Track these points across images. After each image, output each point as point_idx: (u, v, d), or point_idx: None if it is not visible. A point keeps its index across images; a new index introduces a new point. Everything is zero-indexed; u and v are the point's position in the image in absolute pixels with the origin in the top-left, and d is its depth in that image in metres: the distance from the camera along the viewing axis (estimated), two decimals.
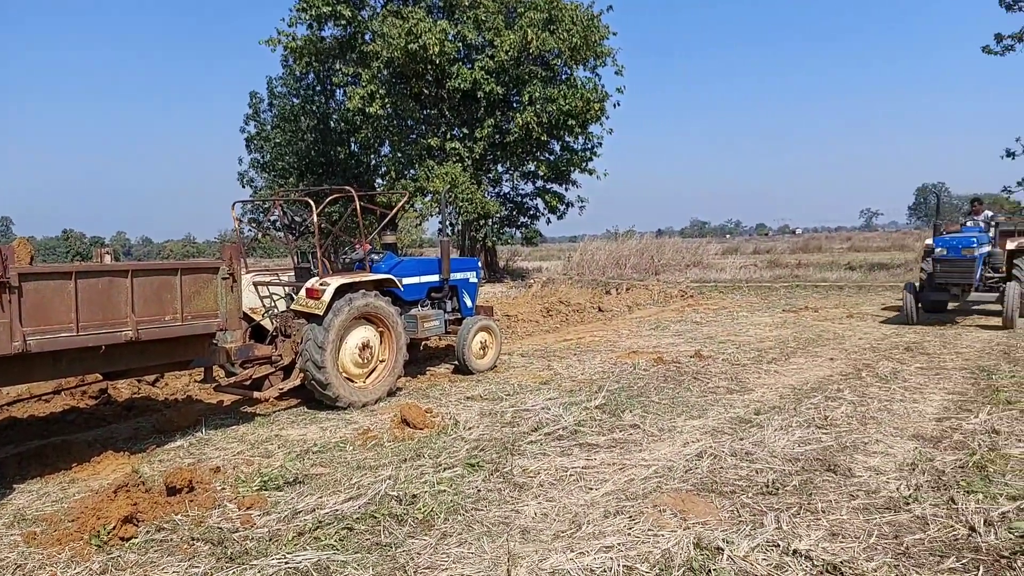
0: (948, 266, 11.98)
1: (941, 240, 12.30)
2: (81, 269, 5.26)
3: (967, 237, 12.06)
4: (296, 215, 8.73)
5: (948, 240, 12.13)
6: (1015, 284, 11.98)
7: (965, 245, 11.82)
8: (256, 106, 31.78)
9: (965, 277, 11.91)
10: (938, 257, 12.09)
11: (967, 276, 11.89)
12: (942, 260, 12.03)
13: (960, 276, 11.93)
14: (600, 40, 23.81)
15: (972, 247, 11.78)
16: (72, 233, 65.64)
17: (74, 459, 5.78)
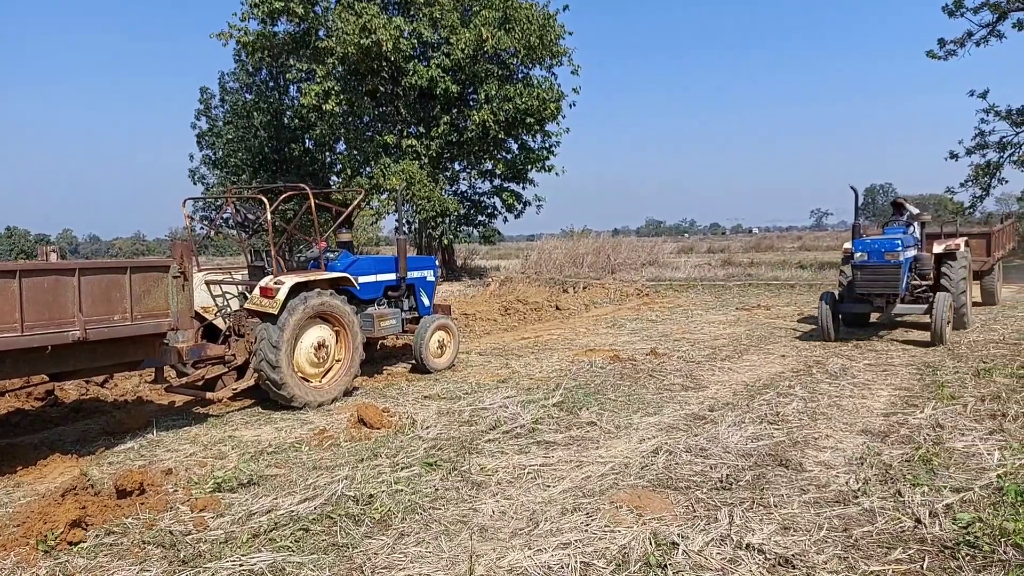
0: (870, 273, 10.40)
1: (861, 243, 10.65)
2: (26, 268, 5.11)
3: (890, 240, 10.46)
4: (249, 213, 8.59)
5: (869, 243, 10.51)
6: (945, 295, 10.39)
7: (888, 249, 10.24)
8: (207, 101, 31.07)
9: (889, 286, 10.31)
10: (858, 263, 10.47)
11: (892, 285, 10.29)
12: (863, 267, 10.44)
13: (884, 285, 10.33)
14: (556, 40, 23.95)
15: (896, 251, 10.23)
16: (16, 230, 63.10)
17: (19, 462, 5.60)
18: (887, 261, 10.26)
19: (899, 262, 10.23)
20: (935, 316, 10.09)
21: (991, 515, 4.08)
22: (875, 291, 10.50)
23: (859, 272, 10.51)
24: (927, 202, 74.39)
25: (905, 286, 10.66)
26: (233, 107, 29.99)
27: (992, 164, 29.88)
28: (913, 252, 11.02)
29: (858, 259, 10.52)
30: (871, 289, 10.49)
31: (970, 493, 4.48)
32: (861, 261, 10.48)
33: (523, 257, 30.79)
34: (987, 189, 30.41)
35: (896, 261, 10.22)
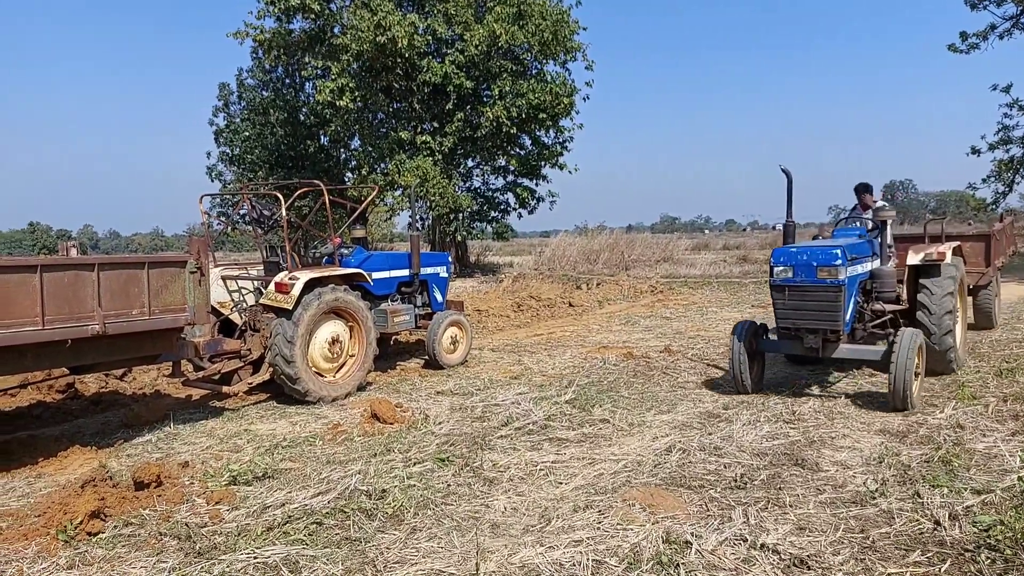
0: (796, 298, 6.88)
1: (783, 253, 7.02)
2: (47, 262, 5.19)
3: (826, 249, 6.80)
4: (265, 209, 8.66)
5: (795, 253, 6.89)
6: (912, 334, 6.66)
7: (823, 262, 6.70)
8: (225, 98, 31.28)
9: (824, 317, 6.77)
10: (778, 282, 6.96)
11: (828, 316, 6.75)
12: (784, 288, 6.94)
13: (815, 316, 6.80)
14: (570, 35, 23.86)
15: (835, 265, 6.64)
16: (39, 226, 63.89)
17: (40, 454, 5.70)
18: (821, 280, 6.68)
19: (839, 281, 6.61)
20: (895, 366, 6.39)
21: (1013, 518, 4.01)
22: (803, 325, 6.90)
23: (779, 296, 6.97)
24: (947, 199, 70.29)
25: (853, 316, 7.09)
26: (250, 104, 30.19)
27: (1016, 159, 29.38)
28: (868, 265, 7.43)
29: (778, 276, 6.93)
30: (797, 322, 6.92)
31: (991, 495, 4.43)
32: (782, 279, 6.89)
33: (536, 253, 30.77)
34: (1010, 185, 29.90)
35: (835, 280, 6.61)
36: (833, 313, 6.71)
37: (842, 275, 6.62)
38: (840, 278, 6.61)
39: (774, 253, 7.06)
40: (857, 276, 7.11)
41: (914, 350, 6.48)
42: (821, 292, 6.71)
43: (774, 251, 7.09)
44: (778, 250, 7.07)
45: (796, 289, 6.85)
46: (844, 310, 6.74)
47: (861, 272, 7.22)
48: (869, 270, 7.45)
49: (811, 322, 6.84)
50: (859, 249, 7.25)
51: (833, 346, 6.97)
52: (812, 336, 6.91)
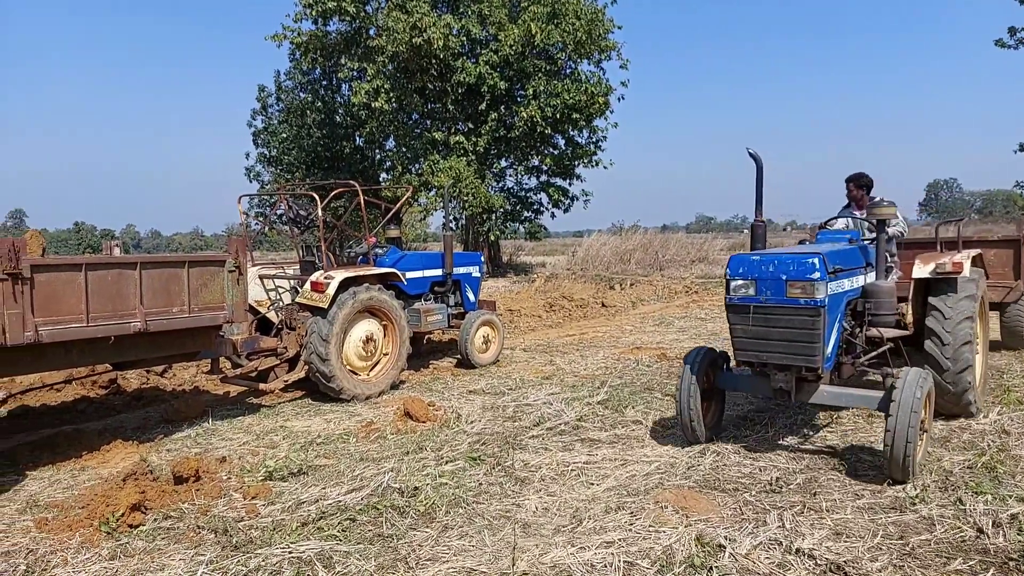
0: (759, 323, 5.14)
1: (742, 263, 5.22)
2: (91, 261, 5.33)
3: (800, 257, 5.00)
4: (301, 209, 8.79)
5: (758, 263, 5.12)
6: (917, 375, 4.84)
7: (796, 275, 4.95)
8: (264, 100, 31.83)
9: (797, 350, 5.01)
10: (736, 301, 5.21)
11: (801, 349, 4.99)
12: (745, 309, 5.17)
13: (785, 348, 5.05)
14: (604, 34, 23.77)
15: (812, 279, 4.88)
16: (83, 225, 65.80)
17: (84, 447, 5.86)
18: (792, 300, 4.93)
19: (816, 301, 4.84)
20: (893, 423, 4.61)
21: None
22: (769, 359, 5.12)
23: (737, 320, 5.19)
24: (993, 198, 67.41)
25: (837, 347, 5.23)
26: (288, 106, 30.67)
27: None
28: (860, 279, 5.61)
29: (736, 293, 5.18)
30: (761, 355, 5.14)
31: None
32: (741, 298, 5.14)
33: (569, 253, 30.65)
34: None
35: (811, 300, 4.85)
36: (809, 344, 4.84)
37: (821, 293, 4.78)
38: (818, 297, 4.78)
39: (731, 262, 5.15)
40: (844, 294, 5.20)
41: (920, 401, 4.58)
42: (792, 316, 4.87)
43: (731, 260, 5.19)
44: (736, 258, 5.14)
45: (760, 311, 5.01)
46: (824, 340, 4.86)
47: (849, 289, 5.30)
48: (861, 286, 5.53)
49: (780, 356, 4.96)
50: (847, 258, 5.34)
51: (810, 387, 5.14)
52: (782, 374, 5.07)
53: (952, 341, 5.82)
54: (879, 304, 5.51)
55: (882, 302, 5.51)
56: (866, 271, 5.72)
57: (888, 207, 5.51)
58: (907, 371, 4.83)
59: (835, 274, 5.04)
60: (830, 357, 5.08)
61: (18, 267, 4.77)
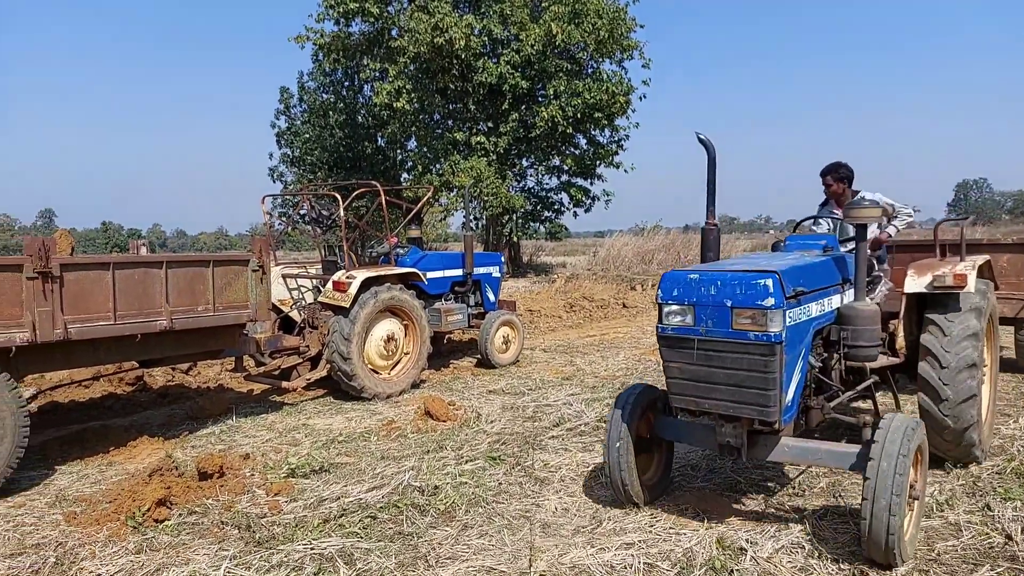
0: (700, 361, 3.86)
1: (677, 282, 3.93)
2: (119, 260, 5.43)
3: (749, 277, 3.71)
4: (324, 209, 8.87)
5: (696, 282, 3.86)
6: (902, 423, 3.63)
7: (743, 300, 3.69)
8: (287, 101, 32.13)
9: (747, 398, 3.75)
10: (669, 332, 3.93)
11: (752, 397, 3.73)
12: (681, 343, 3.90)
13: (732, 395, 3.79)
14: (626, 33, 23.66)
15: (763, 306, 3.62)
16: (111, 225, 66.91)
17: (112, 443, 5.97)
18: (739, 334, 3.72)
19: (770, 336, 3.63)
20: (872, 485, 3.47)
21: None
22: (712, 407, 3.92)
23: (671, 355, 3.99)
24: None
25: (799, 392, 4.00)
26: (310, 107, 30.92)
27: None
28: (834, 300, 4.44)
29: (669, 322, 3.96)
30: (701, 401, 3.93)
31: None
32: (676, 328, 3.94)
33: (590, 254, 30.58)
34: None
35: (763, 334, 3.65)
36: (761, 391, 3.66)
37: (776, 324, 3.59)
38: (772, 330, 3.59)
39: (663, 281, 3.95)
40: (810, 322, 4.00)
41: (907, 460, 3.44)
42: (740, 354, 3.68)
43: (664, 278, 3.96)
44: (671, 277, 3.95)
45: (699, 347, 3.82)
46: (782, 384, 3.68)
47: (819, 314, 4.13)
48: (835, 308, 4.35)
49: (725, 404, 3.79)
50: (816, 274, 4.18)
51: (767, 442, 3.98)
52: (729, 426, 3.91)
53: (951, 364, 4.63)
54: (858, 332, 4.23)
55: (862, 330, 4.22)
56: (843, 289, 4.50)
57: (869, 207, 4.09)
58: (891, 419, 3.63)
59: (798, 297, 3.79)
60: (791, 405, 3.84)
61: (48, 266, 4.88)
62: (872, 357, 4.33)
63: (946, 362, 4.67)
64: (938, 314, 4.83)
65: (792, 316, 3.75)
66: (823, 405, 4.34)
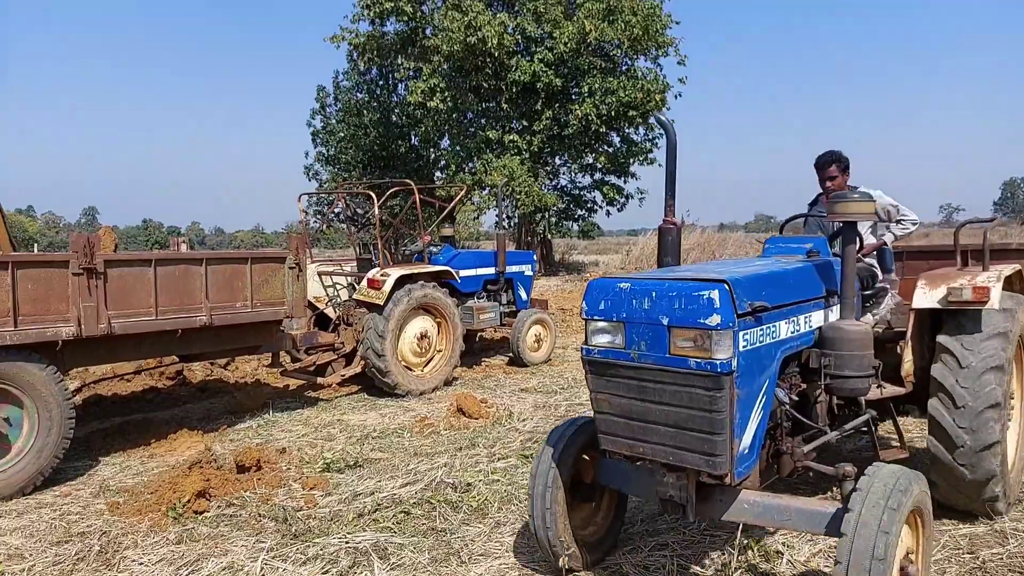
0: (631, 393, 3.02)
1: (605, 291, 3.11)
2: (160, 257, 5.57)
3: (689, 288, 2.87)
4: (359, 207, 8.98)
5: (627, 293, 3.02)
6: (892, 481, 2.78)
7: (683, 317, 2.85)
8: (323, 100, 32.54)
9: (690, 444, 2.88)
10: (595, 355, 3.10)
11: (697, 442, 2.87)
12: (611, 369, 3.06)
13: (673, 440, 2.93)
14: (661, 29, 23.45)
15: (707, 325, 2.79)
16: (151, 223, 68.76)
17: (152, 436, 6.12)
18: (677, 361, 2.87)
19: (716, 365, 2.78)
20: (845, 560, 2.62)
21: None
22: (648, 453, 3.03)
23: (599, 385, 3.13)
24: None
25: (760, 435, 3.07)
26: (345, 106, 31.27)
27: None
28: (812, 319, 3.49)
29: (595, 342, 3.12)
30: (635, 445, 3.06)
31: None
32: (604, 351, 3.09)
33: (624, 252, 30.42)
34: None
35: (706, 362, 2.79)
36: (707, 436, 2.85)
37: (724, 349, 2.80)
38: (719, 357, 2.79)
39: (589, 290, 3.18)
40: (776, 346, 3.16)
41: (891, 535, 2.63)
42: (680, 387, 2.88)
43: (590, 286, 3.19)
44: (597, 285, 3.17)
45: (631, 375, 3.01)
46: (735, 426, 2.87)
47: (790, 336, 3.28)
48: (812, 329, 3.47)
49: (664, 450, 2.97)
50: (784, 285, 3.29)
51: (723, 496, 3.15)
52: (672, 477, 3.06)
53: (970, 402, 3.78)
54: (843, 359, 3.37)
55: (848, 356, 3.37)
56: (828, 303, 3.61)
57: (859, 200, 3.31)
58: (877, 471, 2.85)
59: (757, 314, 2.94)
60: (749, 452, 2.98)
61: (93, 262, 5.01)
62: (861, 390, 3.49)
63: (962, 401, 3.80)
64: (953, 338, 3.93)
65: (749, 338, 2.91)
66: (796, 449, 3.44)
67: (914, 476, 2.89)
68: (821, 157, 4.76)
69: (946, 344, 3.93)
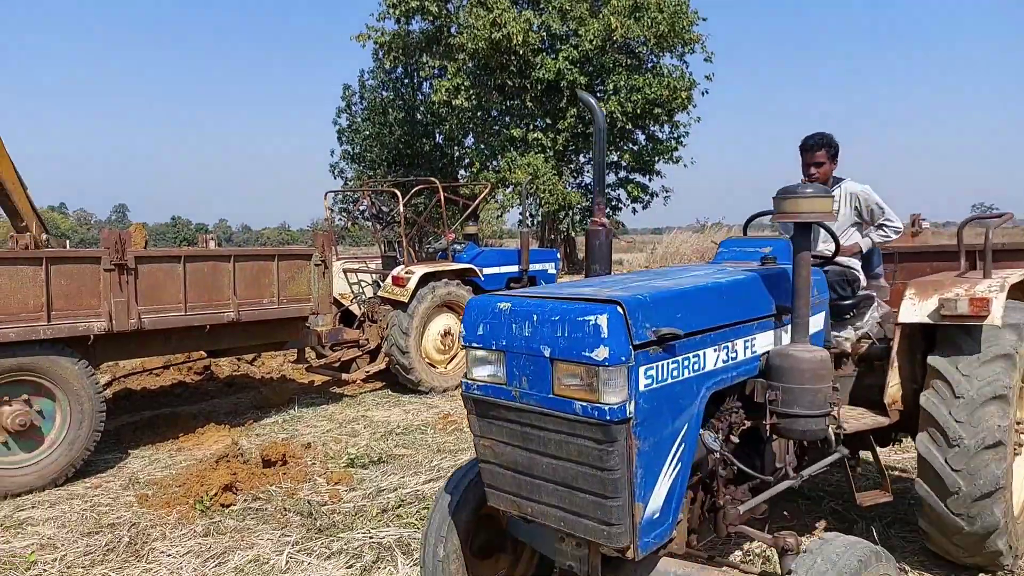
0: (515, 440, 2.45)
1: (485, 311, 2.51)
2: (189, 253, 5.65)
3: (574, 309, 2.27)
4: (383, 205, 9.03)
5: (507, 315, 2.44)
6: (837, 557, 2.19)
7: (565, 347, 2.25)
8: (348, 99, 32.76)
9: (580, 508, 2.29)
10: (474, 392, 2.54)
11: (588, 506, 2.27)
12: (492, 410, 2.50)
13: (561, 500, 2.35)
14: (688, 26, 23.24)
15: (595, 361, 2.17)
16: (180, 220, 69.90)
17: (181, 429, 6.21)
18: (560, 403, 2.27)
19: (605, 412, 2.16)
20: None
21: None
22: (536, 514, 2.45)
23: (479, 426, 2.58)
24: None
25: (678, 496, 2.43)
26: (371, 104, 31.45)
27: None
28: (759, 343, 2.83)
29: (476, 373, 2.54)
30: (523, 503, 2.49)
31: None
32: (483, 387, 2.51)
33: (648, 251, 30.22)
34: None
35: (596, 410, 2.17)
36: (600, 499, 2.26)
37: (615, 390, 2.18)
38: (609, 400, 2.18)
39: (467, 311, 2.63)
40: (700, 381, 2.52)
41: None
42: (566, 437, 2.30)
43: (468, 306, 2.65)
44: (476, 304, 2.62)
45: (516, 417, 2.45)
46: (636, 487, 2.25)
47: (725, 365, 2.66)
48: (757, 354, 2.83)
49: (554, 513, 2.42)
50: (711, 302, 2.65)
51: (638, 567, 2.47)
52: (572, 542, 2.52)
53: (966, 440, 3.14)
54: (791, 394, 2.68)
55: (797, 390, 2.67)
56: (780, 323, 2.91)
57: (814, 196, 2.64)
58: (821, 548, 2.27)
59: (668, 343, 2.32)
60: (660, 518, 2.38)
61: (124, 258, 5.10)
62: (813, 433, 2.73)
63: (956, 438, 3.15)
64: (947, 360, 3.28)
65: (655, 374, 2.28)
66: (727, 511, 2.72)
67: (872, 554, 2.27)
68: (809, 138, 4.05)
69: (938, 367, 3.28)
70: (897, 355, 3.49)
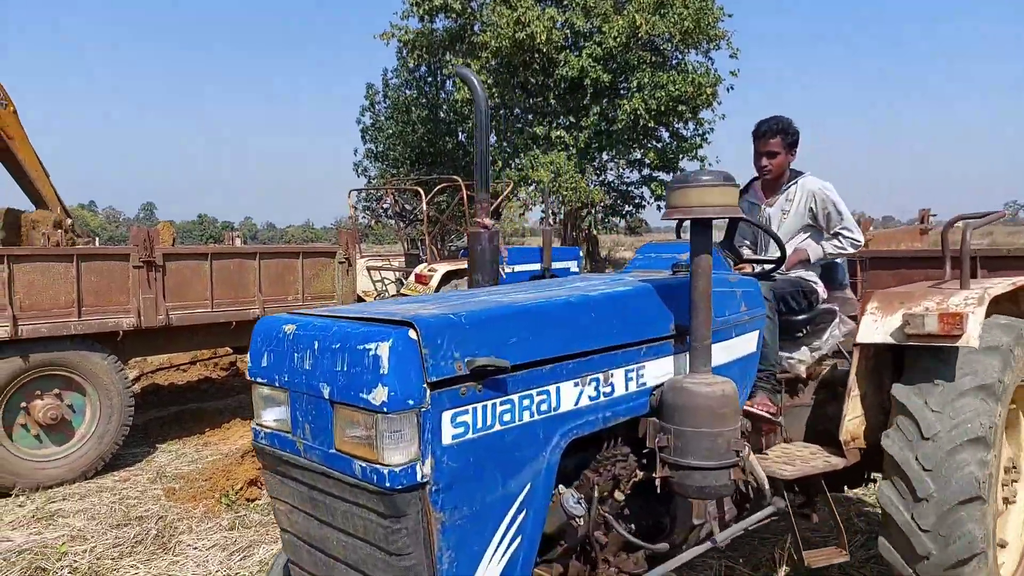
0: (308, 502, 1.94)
1: (270, 334, 2.01)
2: (216, 251, 5.73)
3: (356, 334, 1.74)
4: (407, 203, 9.07)
5: (289, 344, 1.91)
6: None
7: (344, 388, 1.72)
8: (372, 97, 32.96)
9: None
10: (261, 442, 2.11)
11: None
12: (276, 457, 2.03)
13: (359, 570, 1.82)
14: (713, 22, 23.02)
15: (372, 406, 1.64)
16: (206, 217, 70.83)
17: (207, 425, 6.30)
18: (343, 460, 1.75)
19: (386, 478, 1.62)
20: None
21: None
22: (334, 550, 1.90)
23: (271, 486, 2.14)
24: None
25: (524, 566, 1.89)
26: (394, 103, 31.60)
27: None
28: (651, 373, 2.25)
29: (263, 417, 2.11)
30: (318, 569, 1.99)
31: None
32: (269, 436, 2.04)
33: None
34: None
35: (376, 473, 1.65)
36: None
37: (404, 447, 1.64)
38: (392, 460, 1.63)
39: (254, 335, 2.12)
40: (550, 427, 1.95)
41: None
42: (349, 506, 1.78)
43: (255, 328, 2.16)
44: (263, 325, 2.13)
45: (301, 477, 1.94)
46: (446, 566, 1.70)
47: (585, 408, 2.05)
48: (645, 388, 2.24)
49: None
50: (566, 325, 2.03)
51: None
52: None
53: (936, 493, 2.54)
54: (684, 439, 2.08)
55: (690, 435, 2.07)
56: (678, 349, 2.35)
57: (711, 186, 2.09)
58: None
59: (494, 377, 1.79)
60: None
61: (152, 255, 5.18)
62: (714, 491, 2.08)
63: (924, 490, 2.54)
64: (913, 390, 2.66)
65: (471, 421, 1.76)
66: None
67: None
68: (763, 123, 3.39)
69: (902, 400, 2.64)
70: (857, 382, 2.81)
